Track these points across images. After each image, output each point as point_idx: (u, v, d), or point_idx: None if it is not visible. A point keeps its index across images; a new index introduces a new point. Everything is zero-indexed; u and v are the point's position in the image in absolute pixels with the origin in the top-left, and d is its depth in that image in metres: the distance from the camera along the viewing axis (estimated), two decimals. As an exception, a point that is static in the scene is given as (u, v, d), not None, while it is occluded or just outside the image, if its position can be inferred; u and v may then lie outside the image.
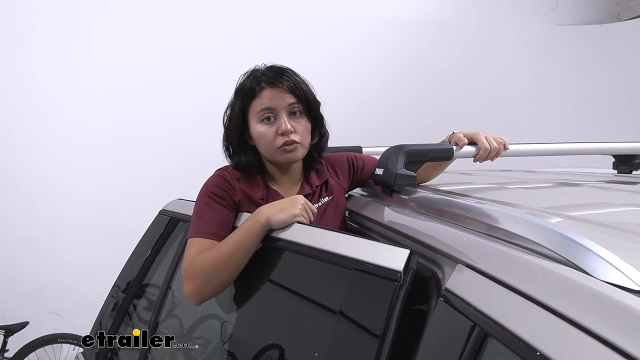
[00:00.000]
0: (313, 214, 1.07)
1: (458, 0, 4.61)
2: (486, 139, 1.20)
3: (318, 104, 1.21)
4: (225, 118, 1.20)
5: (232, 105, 1.19)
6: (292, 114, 1.14)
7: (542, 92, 4.61)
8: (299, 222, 1.02)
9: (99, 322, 1.76)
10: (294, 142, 1.13)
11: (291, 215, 1.02)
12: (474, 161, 1.22)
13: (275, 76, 1.14)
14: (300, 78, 1.18)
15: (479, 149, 1.19)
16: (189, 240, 1.10)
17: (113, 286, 1.82)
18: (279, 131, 1.12)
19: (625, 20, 4.85)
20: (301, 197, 1.08)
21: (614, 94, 4.54)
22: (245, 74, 1.19)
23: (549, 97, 4.61)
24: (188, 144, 3.51)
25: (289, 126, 1.12)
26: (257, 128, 1.14)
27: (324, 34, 4.06)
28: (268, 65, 1.18)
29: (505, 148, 1.22)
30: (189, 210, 1.47)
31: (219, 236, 1.08)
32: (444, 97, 4.35)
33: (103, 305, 1.82)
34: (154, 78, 3.61)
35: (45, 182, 3.44)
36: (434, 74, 4.36)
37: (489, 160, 1.23)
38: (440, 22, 4.44)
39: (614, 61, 4.59)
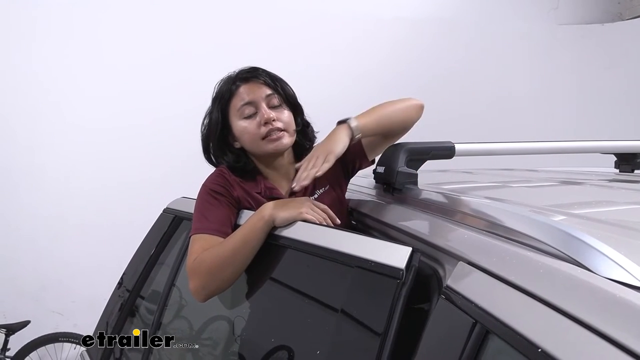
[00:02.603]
0: (327, 214, 1.06)
1: (459, 0, 4.61)
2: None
3: (294, 93, 1.23)
4: (203, 127, 1.22)
5: (210, 112, 1.21)
6: (272, 106, 1.16)
7: (543, 91, 4.60)
8: (304, 220, 1.01)
9: (105, 322, 1.75)
10: (278, 129, 1.14)
11: (296, 213, 1.01)
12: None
13: (248, 73, 1.18)
14: (273, 73, 1.21)
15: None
16: (191, 237, 1.11)
17: (118, 285, 1.81)
18: (261, 121, 1.14)
19: (627, 19, 4.85)
20: (307, 198, 1.09)
21: (616, 93, 4.53)
22: (220, 81, 1.22)
23: (551, 97, 4.60)
24: (189, 144, 3.47)
25: (271, 114, 1.14)
26: (240, 124, 1.16)
27: (324, 34, 4.06)
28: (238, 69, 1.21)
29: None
30: (192, 208, 1.47)
31: (222, 232, 1.08)
32: (446, 97, 4.34)
33: (107, 305, 1.81)
34: (156, 78, 3.61)
35: (47, 182, 3.44)
36: (435, 74, 4.36)
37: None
38: (442, 21, 4.43)
39: (615, 60, 4.58)
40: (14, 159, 3.39)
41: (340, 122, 1.16)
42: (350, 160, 1.28)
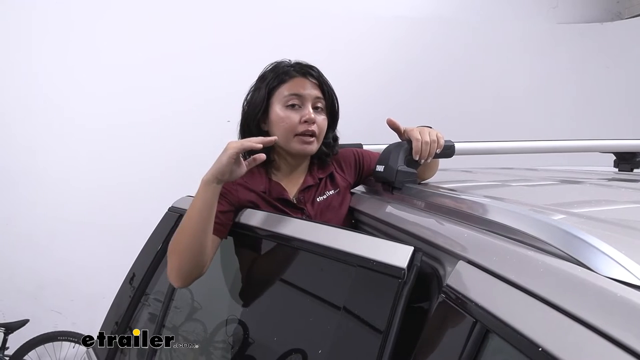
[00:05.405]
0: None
1: (459, -1, 4.61)
2: (420, 133, 1.11)
3: (338, 106, 1.25)
4: (245, 102, 1.22)
5: (256, 89, 1.20)
6: (315, 108, 1.17)
7: (543, 90, 4.60)
8: (233, 153, 0.98)
9: (114, 322, 1.73)
10: (313, 133, 1.15)
11: (225, 157, 0.99)
12: (414, 157, 1.11)
13: (305, 68, 1.19)
14: (328, 79, 1.23)
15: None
16: None
17: (125, 284, 1.80)
18: (302, 118, 1.14)
19: (627, 18, 4.85)
20: (230, 142, 1.03)
21: (615, 92, 4.53)
22: (270, 64, 1.22)
23: (550, 96, 4.60)
24: (188, 143, 3.51)
25: (312, 116, 1.15)
26: (280, 112, 1.16)
27: (323, 33, 4.05)
28: (294, 60, 1.22)
29: (439, 145, 1.12)
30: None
31: (218, 229, 1.09)
32: (445, 95, 4.34)
33: (113, 304, 1.79)
34: (155, 76, 3.60)
35: (46, 181, 3.44)
36: (435, 72, 4.36)
37: (426, 160, 1.12)
38: (441, 20, 4.43)
39: (614, 60, 4.58)
40: (13, 157, 3.38)
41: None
42: (367, 170, 1.29)
